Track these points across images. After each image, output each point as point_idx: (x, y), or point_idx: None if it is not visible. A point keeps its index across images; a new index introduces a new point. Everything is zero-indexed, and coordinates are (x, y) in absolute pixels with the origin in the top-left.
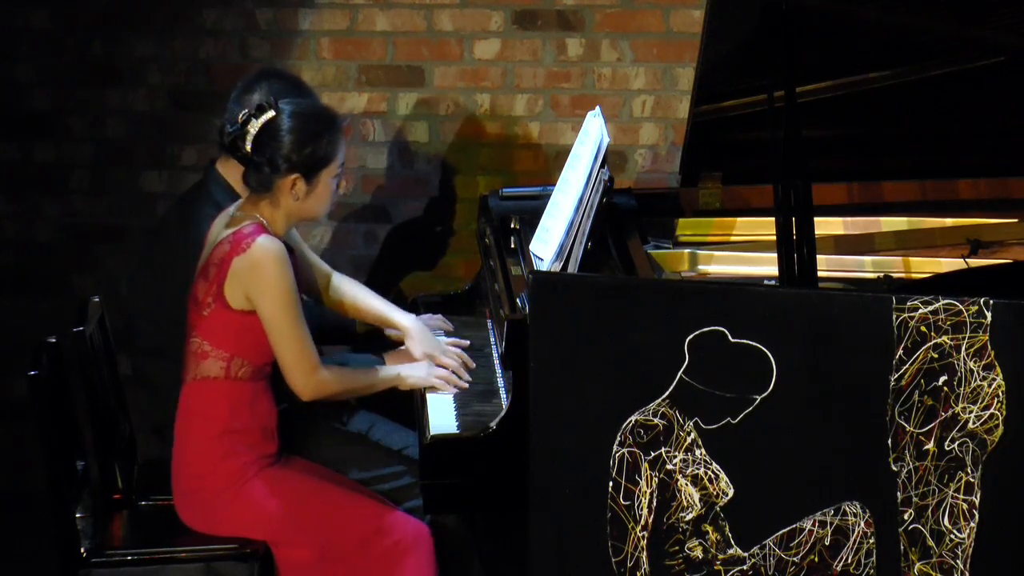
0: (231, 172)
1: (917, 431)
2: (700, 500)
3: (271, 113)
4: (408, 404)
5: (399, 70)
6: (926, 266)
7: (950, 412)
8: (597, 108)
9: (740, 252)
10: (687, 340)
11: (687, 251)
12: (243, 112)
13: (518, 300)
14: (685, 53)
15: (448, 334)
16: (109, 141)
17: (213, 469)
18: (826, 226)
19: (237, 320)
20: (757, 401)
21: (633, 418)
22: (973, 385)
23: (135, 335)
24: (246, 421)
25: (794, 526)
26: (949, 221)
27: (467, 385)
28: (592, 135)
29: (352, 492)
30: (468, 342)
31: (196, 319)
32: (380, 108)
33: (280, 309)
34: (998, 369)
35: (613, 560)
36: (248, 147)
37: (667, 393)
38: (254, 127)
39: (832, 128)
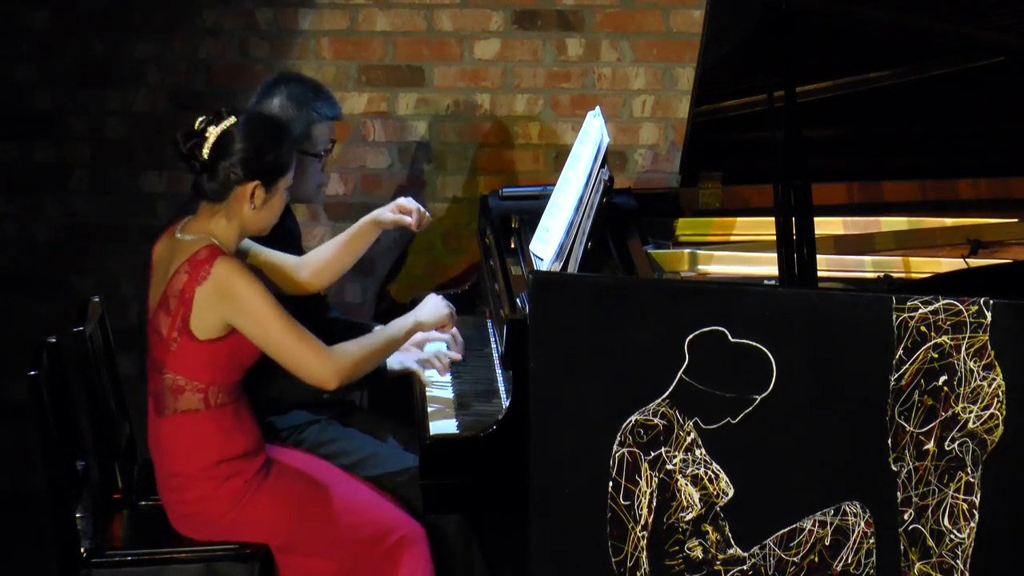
0: None
1: (917, 431)
2: (700, 500)
3: (231, 119)
4: (408, 404)
5: (399, 70)
6: (926, 266)
7: (950, 412)
8: (597, 108)
9: (740, 252)
10: (687, 340)
11: (687, 251)
12: (200, 119)
13: (518, 300)
14: (685, 53)
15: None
16: (109, 141)
17: (215, 494)
18: (826, 226)
19: (205, 351)
20: (757, 401)
21: (633, 418)
22: (973, 385)
23: (140, 329)
24: (237, 439)
25: (794, 526)
26: (949, 221)
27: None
28: (592, 135)
29: (349, 492)
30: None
31: (163, 354)
32: (380, 108)
33: (263, 319)
34: (998, 369)
35: (613, 560)
36: (205, 154)
37: (667, 393)
38: (213, 134)
39: (832, 128)
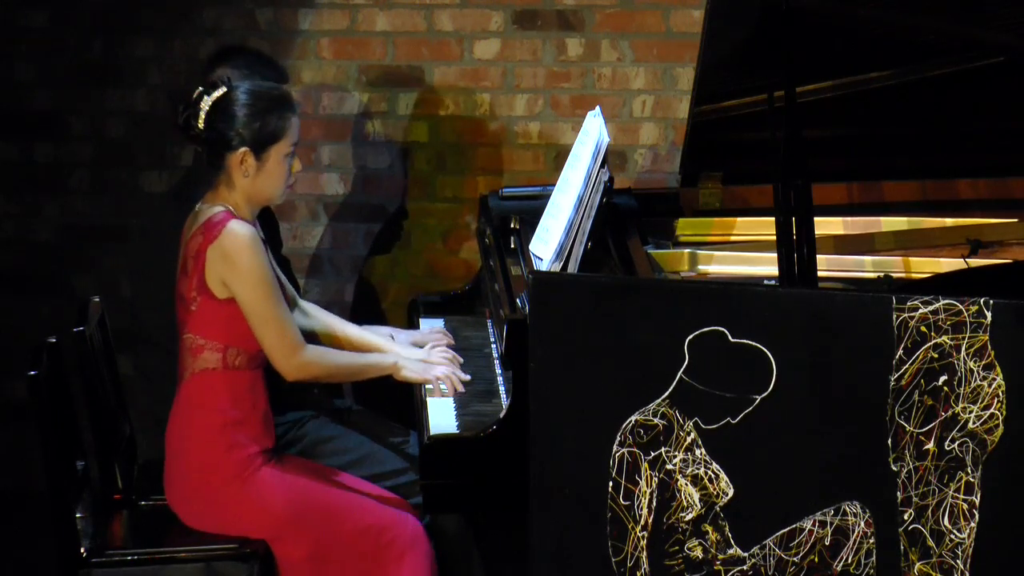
0: None
1: (917, 431)
2: (700, 500)
3: (223, 89)
4: (408, 402)
5: (399, 70)
6: (926, 266)
7: (950, 412)
8: (597, 108)
9: (740, 252)
10: (687, 340)
11: (687, 251)
12: (196, 90)
13: (518, 300)
14: (685, 53)
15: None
16: (109, 141)
17: (218, 462)
18: (826, 226)
19: (224, 310)
20: (757, 401)
21: (633, 418)
22: (973, 385)
23: (140, 329)
24: (247, 410)
25: (794, 526)
26: (949, 221)
27: (463, 387)
28: (592, 135)
29: (351, 489)
30: (461, 360)
31: (185, 315)
32: (380, 108)
33: (256, 292)
34: (998, 369)
35: (613, 560)
36: (201, 124)
37: (667, 393)
38: (206, 104)
39: (832, 128)
